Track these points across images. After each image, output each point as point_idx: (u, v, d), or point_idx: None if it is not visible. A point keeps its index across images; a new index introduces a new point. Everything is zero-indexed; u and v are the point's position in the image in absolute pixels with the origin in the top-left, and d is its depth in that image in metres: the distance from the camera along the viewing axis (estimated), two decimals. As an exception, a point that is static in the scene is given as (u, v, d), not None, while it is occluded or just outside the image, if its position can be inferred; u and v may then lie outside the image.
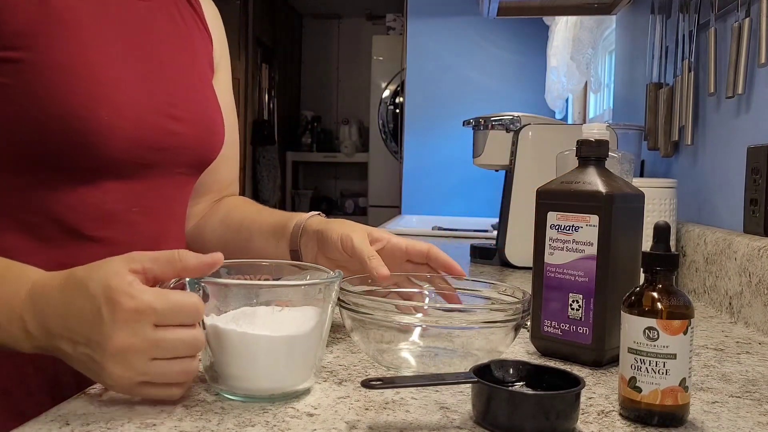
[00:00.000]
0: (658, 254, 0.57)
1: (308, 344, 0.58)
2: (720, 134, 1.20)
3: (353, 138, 5.49)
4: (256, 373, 0.57)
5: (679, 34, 1.39)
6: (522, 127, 1.46)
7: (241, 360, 0.56)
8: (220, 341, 0.56)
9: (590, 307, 0.69)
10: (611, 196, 0.69)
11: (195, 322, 0.54)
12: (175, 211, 0.85)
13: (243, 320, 0.56)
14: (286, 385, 0.58)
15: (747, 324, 0.93)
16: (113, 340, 0.51)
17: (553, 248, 0.72)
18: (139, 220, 0.76)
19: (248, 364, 0.56)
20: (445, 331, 0.66)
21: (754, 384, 0.67)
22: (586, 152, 0.73)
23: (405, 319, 0.65)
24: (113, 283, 0.51)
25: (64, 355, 0.54)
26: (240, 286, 0.59)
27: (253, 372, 0.56)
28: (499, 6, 2.08)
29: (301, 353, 0.58)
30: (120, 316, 0.51)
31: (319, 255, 0.82)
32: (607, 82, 2.51)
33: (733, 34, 1.07)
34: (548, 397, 0.53)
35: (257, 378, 0.57)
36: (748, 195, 1.01)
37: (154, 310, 0.51)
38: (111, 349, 0.51)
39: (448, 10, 3.33)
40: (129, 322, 0.51)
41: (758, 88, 1.05)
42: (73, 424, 0.51)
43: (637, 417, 0.55)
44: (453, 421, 0.54)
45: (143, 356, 0.51)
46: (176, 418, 0.52)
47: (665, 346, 0.54)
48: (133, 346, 0.51)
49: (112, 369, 0.51)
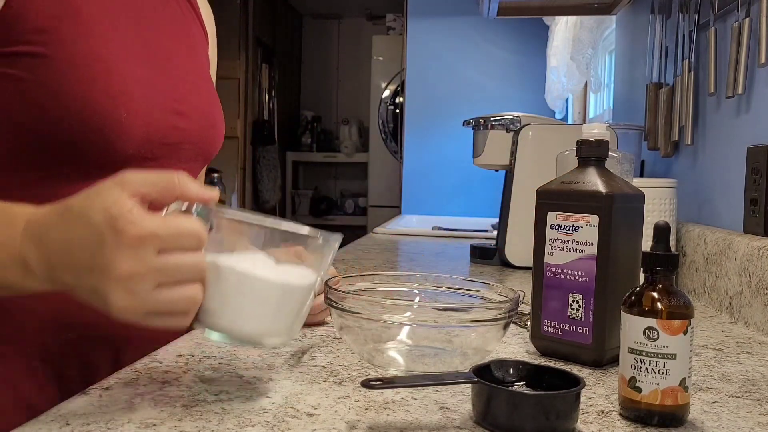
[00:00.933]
0: (658, 254, 0.57)
1: (300, 299, 0.57)
2: (720, 134, 1.20)
3: (353, 138, 5.48)
4: (243, 313, 0.55)
5: (679, 34, 1.39)
6: (522, 127, 1.46)
7: (232, 298, 0.55)
8: (218, 276, 0.54)
9: (590, 307, 0.69)
10: (611, 196, 0.69)
11: (198, 248, 0.52)
12: None
13: (243, 260, 0.55)
14: (266, 332, 0.56)
15: (747, 324, 0.93)
16: (117, 267, 0.49)
17: (553, 248, 0.72)
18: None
19: (238, 302, 0.55)
20: (433, 330, 0.66)
21: (754, 384, 0.67)
22: (586, 152, 0.73)
23: (394, 318, 0.66)
24: (114, 211, 0.50)
25: (69, 287, 0.53)
26: (249, 225, 0.57)
27: (240, 311, 0.55)
28: (499, 6, 2.09)
29: (290, 306, 0.57)
30: (124, 242, 0.49)
31: None
32: (607, 82, 2.51)
33: (733, 34, 1.07)
34: (548, 397, 0.53)
35: (242, 318, 0.55)
36: (748, 195, 1.01)
37: (157, 236, 0.50)
38: (115, 276, 0.49)
39: (448, 10, 3.33)
40: (132, 248, 0.50)
41: (758, 88, 1.05)
42: (73, 424, 0.51)
43: (637, 417, 0.55)
44: (453, 421, 0.54)
45: (148, 283, 0.50)
46: (176, 418, 0.52)
47: (665, 346, 0.54)
48: (137, 272, 0.50)
49: (117, 298, 0.50)
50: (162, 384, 0.61)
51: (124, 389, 0.59)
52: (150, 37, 0.78)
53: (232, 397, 0.58)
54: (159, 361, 0.67)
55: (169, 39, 0.82)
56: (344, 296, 0.66)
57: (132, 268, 0.49)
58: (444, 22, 3.35)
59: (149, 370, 0.64)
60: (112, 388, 0.59)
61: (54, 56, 0.67)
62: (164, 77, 0.78)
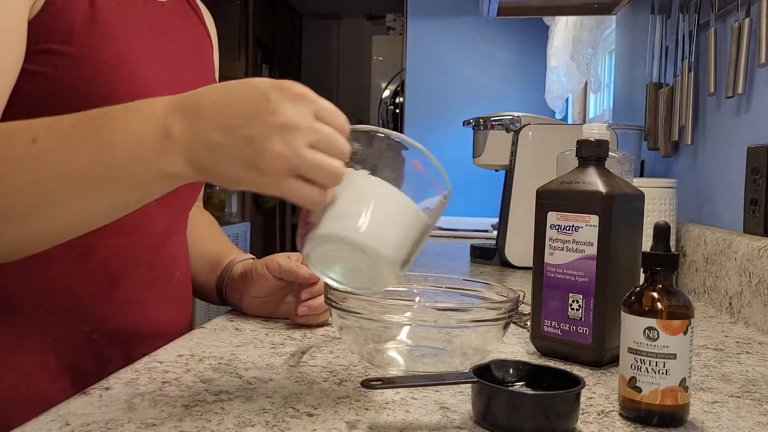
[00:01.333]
0: (658, 254, 0.57)
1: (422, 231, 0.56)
2: (720, 134, 1.20)
3: (353, 138, 5.49)
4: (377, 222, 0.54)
5: (679, 34, 1.39)
6: (522, 127, 1.46)
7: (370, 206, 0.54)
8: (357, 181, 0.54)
9: (590, 307, 0.69)
10: (611, 196, 0.69)
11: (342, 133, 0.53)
12: (184, 206, 0.88)
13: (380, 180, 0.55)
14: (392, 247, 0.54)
15: (747, 324, 0.93)
16: (280, 114, 0.51)
17: (553, 248, 0.72)
18: (153, 211, 0.77)
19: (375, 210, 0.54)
20: (433, 330, 0.66)
21: (754, 384, 0.67)
22: (586, 152, 0.73)
23: (394, 318, 0.66)
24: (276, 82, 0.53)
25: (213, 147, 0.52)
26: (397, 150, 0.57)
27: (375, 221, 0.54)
28: (499, 6, 2.08)
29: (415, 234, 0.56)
30: (288, 95, 0.52)
31: (245, 296, 0.87)
32: (607, 82, 2.51)
33: (733, 34, 1.07)
34: (548, 397, 0.53)
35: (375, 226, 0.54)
36: (748, 195, 1.01)
37: (315, 101, 0.53)
38: (277, 122, 0.51)
39: (448, 10, 3.33)
40: (296, 101, 0.52)
41: (758, 88, 1.05)
42: (73, 424, 0.51)
43: (637, 417, 0.55)
44: (453, 421, 0.54)
45: (303, 137, 0.51)
46: (176, 418, 0.52)
47: (665, 346, 0.54)
48: (296, 123, 0.51)
49: (273, 145, 0.50)
50: (162, 384, 0.61)
51: (124, 389, 0.59)
52: (164, 45, 0.81)
53: (232, 397, 0.58)
54: (159, 360, 0.68)
55: (182, 47, 0.85)
56: (344, 296, 0.66)
57: (293, 117, 0.51)
58: (444, 22, 3.35)
59: (149, 370, 0.64)
60: (112, 388, 0.59)
61: (81, 56, 0.68)
62: (180, 82, 0.79)
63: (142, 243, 0.78)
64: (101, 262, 0.74)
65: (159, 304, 0.81)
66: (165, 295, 0.83)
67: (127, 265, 0.77)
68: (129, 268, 0.77)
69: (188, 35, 0.88)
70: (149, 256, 0.79)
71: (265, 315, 0.87)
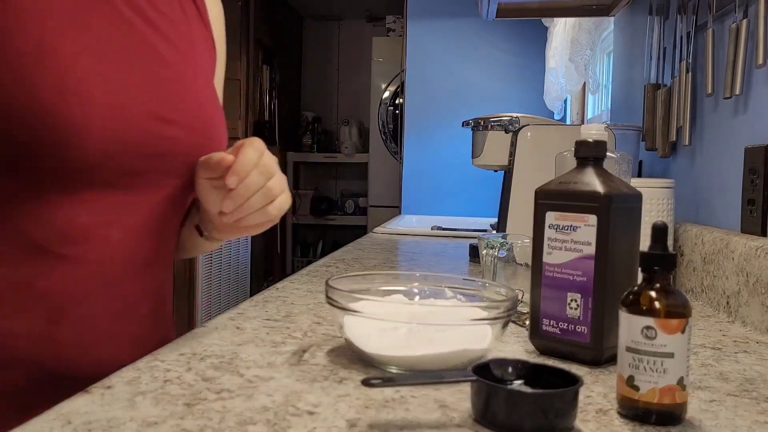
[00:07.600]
0: (655, 254, 0.57)
1: None
2: (717, 135, 1.21)
3: (353, 138, 5.49)
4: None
5: (677, 36, 1.40)
6: (521, 127, 1.46)
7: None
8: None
9: (588, 306, 0.70)
10: (609, 196, 0.70)
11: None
12: (162, 230, 0.78)
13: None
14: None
15: (744, 323, 0.94)
16: None
17: (551, 248, 0.73)
18: (117, 237, 0.70)
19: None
20: (432, 329, 0.67)
21: (752, 383, 0.68)
22: (584, 153, 0.74)
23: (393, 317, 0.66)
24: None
25: None
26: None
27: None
28: (498, 8, 2.09)
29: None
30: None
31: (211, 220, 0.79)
32: (606, 83, 2.52)
33: (731, 36, 1.08)
34: (547, 396, 0.53)
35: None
36: (746, 195, 1.02)
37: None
38: None
39: (447, 11, 3.34)
40: None
41: (755, 88, 1.05)
42: (74, 423, 0.51)
43: (635, 415, 0.56)
44: (452, 419, 0.55)
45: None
46: (178, 417, 0.53)
47: (663, 345, 0.54)
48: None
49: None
50: (163, 382, 0.61)
51: (125, 387, 0.59)
52: (137, 40, 0.73)
53: (234, 396, 0.58)
54: (160, 359, 0.68)
55: (164, 41, 0.76)
56: (344, 296, 0.67)
57: None
58: (443, 23, 3.36)
59: (151, 369, 0.65)
60: (113, 387, 0.59)
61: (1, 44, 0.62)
62: (152, 80, 0.72)
63: (93, 274, 0.69)
64: (40, 296, 0.66)
65: (109, 346, 0.72)
66: (122, 334, 0.74)
67: (71, 301, 0.68)
68: (74, 304, 0.69)
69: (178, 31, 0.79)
70: (103, 290, 0.71)
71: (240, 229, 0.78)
